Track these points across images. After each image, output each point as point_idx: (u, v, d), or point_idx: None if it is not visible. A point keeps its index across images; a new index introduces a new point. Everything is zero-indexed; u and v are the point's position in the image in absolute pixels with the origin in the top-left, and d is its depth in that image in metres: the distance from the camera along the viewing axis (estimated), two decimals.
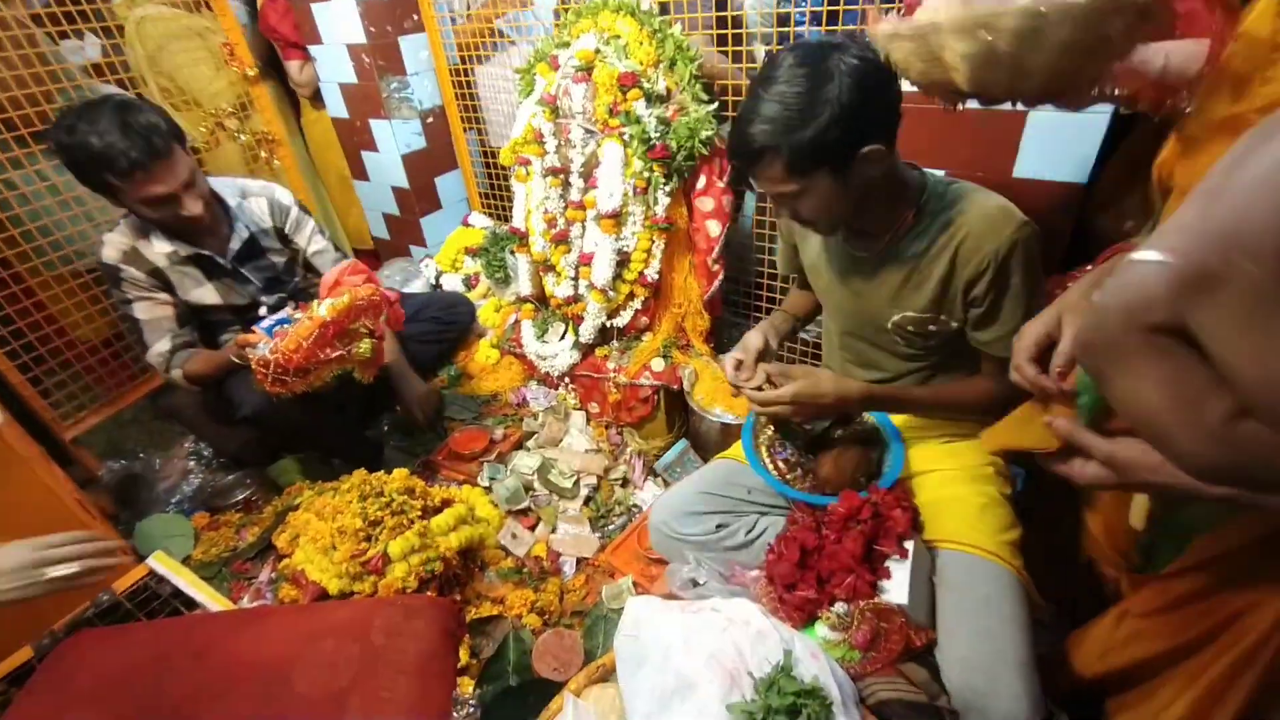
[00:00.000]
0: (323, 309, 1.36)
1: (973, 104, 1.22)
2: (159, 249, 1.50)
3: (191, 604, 1.27)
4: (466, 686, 1.14)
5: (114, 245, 1.48)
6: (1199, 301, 0.33)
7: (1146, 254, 0.36)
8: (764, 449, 1.21)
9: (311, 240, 1.73)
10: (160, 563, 1.35)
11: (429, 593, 1.23)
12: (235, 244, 1.58)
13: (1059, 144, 1.18)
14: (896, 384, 1.16)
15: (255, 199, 1.65)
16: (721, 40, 1.59)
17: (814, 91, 0.85)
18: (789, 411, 1.06)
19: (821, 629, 0.97)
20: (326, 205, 2.75)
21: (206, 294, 1.59)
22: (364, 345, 1.44)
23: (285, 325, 1.40)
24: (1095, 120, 1.12)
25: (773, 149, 0.89)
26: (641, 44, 1.57)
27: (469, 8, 2.12)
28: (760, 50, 1.63)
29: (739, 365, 1.13)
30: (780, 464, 1.17)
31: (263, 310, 1.67)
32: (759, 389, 1.08)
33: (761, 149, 0.90)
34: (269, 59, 2.41)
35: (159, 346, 1.53)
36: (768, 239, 1.74)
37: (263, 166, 2.25)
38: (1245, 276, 0.31)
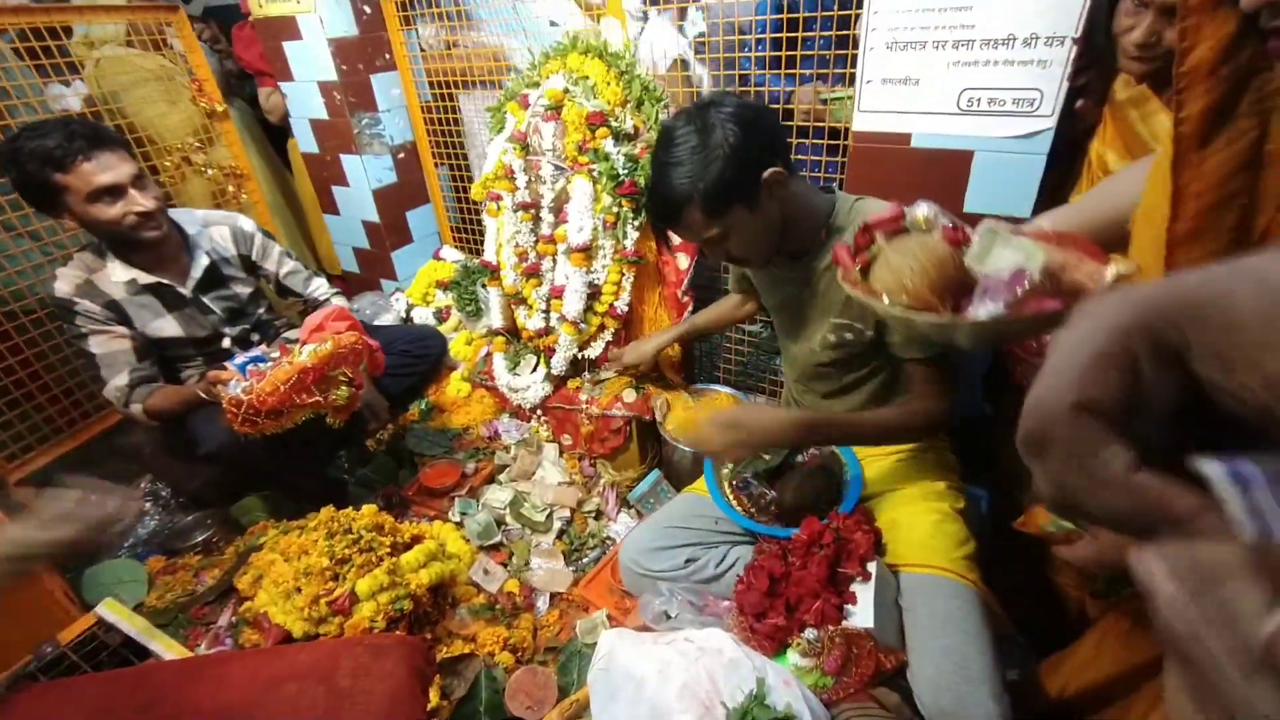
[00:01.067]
0: (304, 354, 1.35)
1: (926, 144, 1.30)
2: (117, 278, 1.47)
3: (144, 653, 1.21)
4: None
5: (67, 279, 1.44)
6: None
7: None
8: (726, 483, 1.23)
9: (281, 263, 1.74)
10: (110, 610, 1.29)
11: (398, 632, 1.20)
12: (196, 272, 1.57)
13: (1003, 181, 1.26)
14: (830, 411, 1.20)
15: (217, 228, 1.65)
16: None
17: (705, 142, 0.98)
18: (716, 444, 1.06)
19: (793, 656, 0.98)
20: (295, 234, 2.74)
21: (166, 325, 1.55)
22: (341, 392, 1.43)
23: (260, 364, 1.38)
24: (1034, 160, 1.20)
25: (686, 201, 1.00)
26: (609, 84, 1.63)
27: (447, 42, 2.13)
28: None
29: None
30: (744, 497, 1.19)
31: (226, 343, 1.64)
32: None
33: (677, 204, 1.01)
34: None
35: (116, 381, 1.48)
36: (734, 270, 1.79)
37: (230, 201, 2.23)
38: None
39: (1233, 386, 0.20)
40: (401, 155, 2.38)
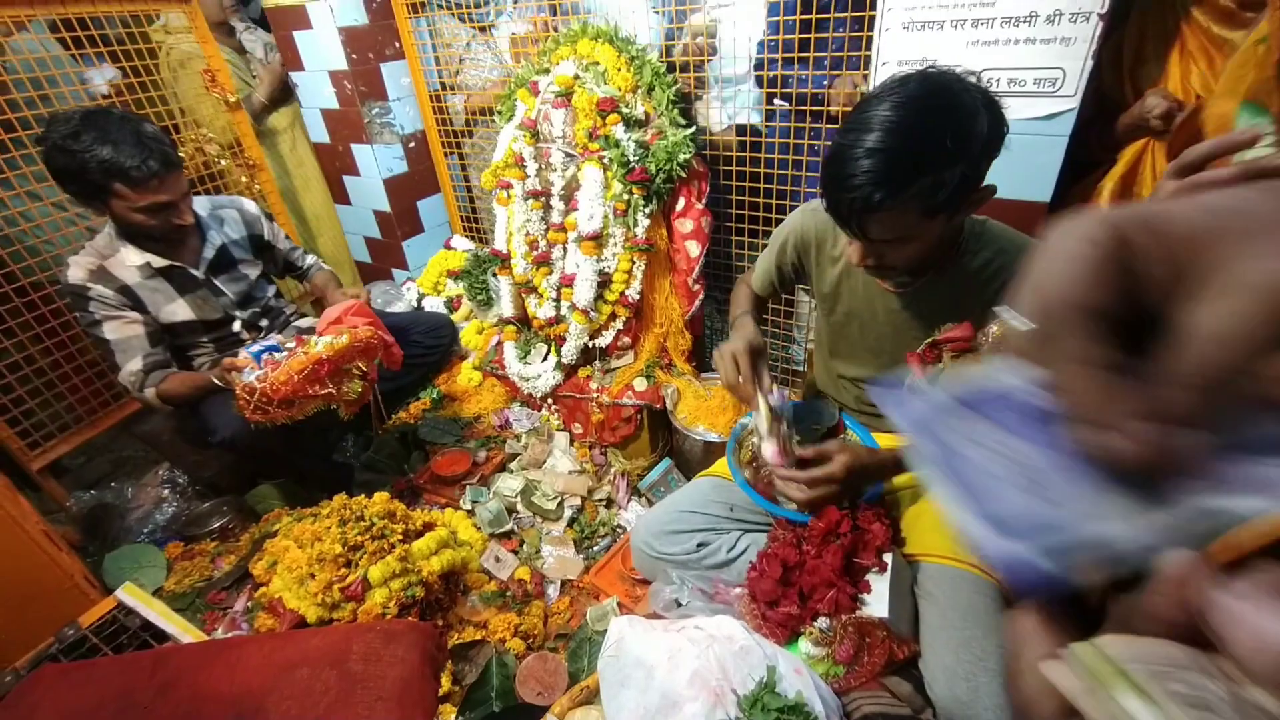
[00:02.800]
0: (320, 346, 1.36)
1: None
2: (130, 262, 1.49)
3: (162, 636, 1.23)
4: (449, 714, 1.11)
5: (80, 266, 1.46)
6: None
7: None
8: (747, 467, 1.22)
9: (285, 241, 1.82)
10: (129, 595, 1.32)
11: (410, 618, 1.21)
12: (208, 254, 1.60)
13: (1023, 166, 1.23)
14: None
15: (225, 210, 1.69)
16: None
17: (967, 127, 0.77)
18: (838, 491, 1.01)
19: (805, 644, 0.97)
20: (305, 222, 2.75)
21: (179, 309, 1.57)
22: (354, 385, 1.44)
23: (275, 353, 1.40)
24: (1055, 142, 1.17)
25: (904, 191, 0.79)
26: (620, 70, 1.61)
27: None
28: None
29: (742, 369, 1.09)
30: (763, 482, 1.17)
31: (236, 325, 1.67)
32: (800, 478, 1.03)
33: (891, 190, 0.79)
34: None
35: (131, 366, 1.50)
36: (747, 258, 1.77)
37: (244, 191, 2.24)
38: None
39: (1163, 284, 0.24)
40: (412, 145, 2.38)
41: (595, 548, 1.58)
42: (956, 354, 0.80)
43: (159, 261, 1.52)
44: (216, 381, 1.44)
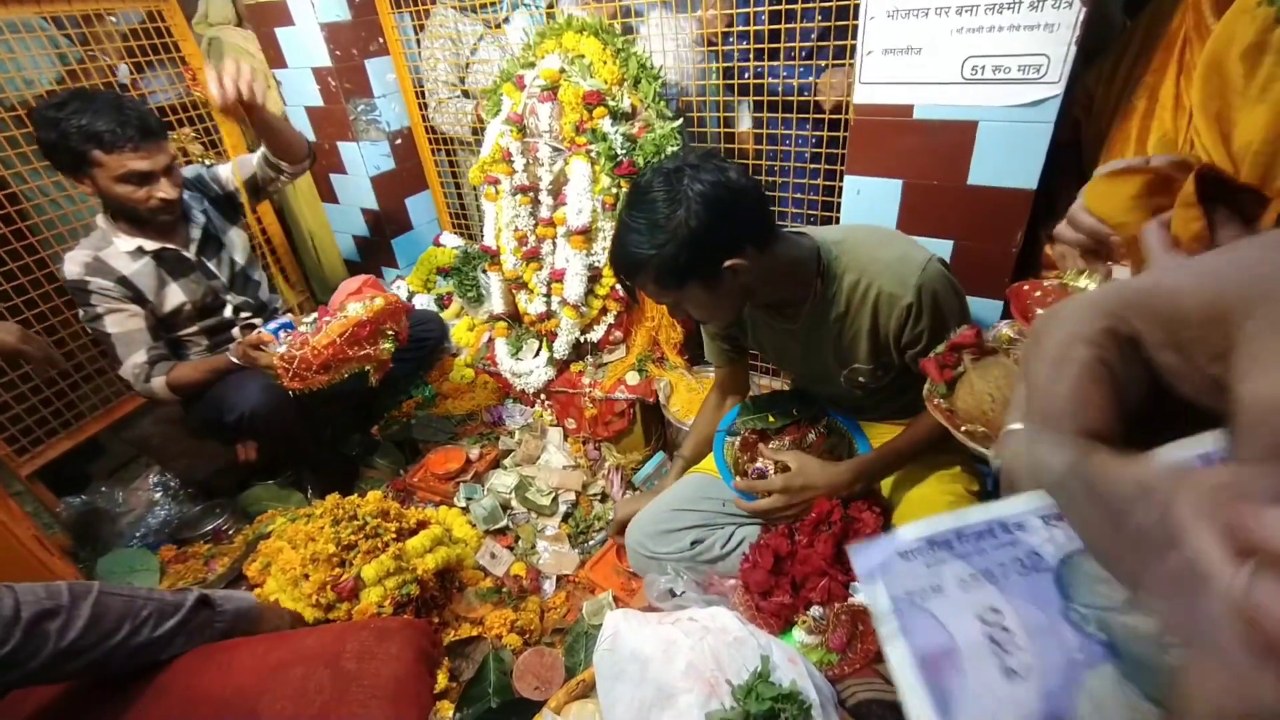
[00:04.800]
0: (355, 310, 1.43)
1: (929, 115, 1.27)
2: (124, 249, 1.51)
3: None
4: (446, 710, 1.11)
5: (76, 260, 1.47)
6: None
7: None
8: (735, 463, 1.23)
9: (231, 168, 1.73)
10: None
11: (405, 616, 1.21)
12: (195, 233, 1.62)
13: (1009, 152, 1.23)
14: (877, 450, 1.16)
15: (189, 191, 1.65)
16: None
17: (667, 217, 0.90)
18: (783, 504, 1.07)
19: (798, 633, 0.98)
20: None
21: (174, 294, 1.59)
22: (387, 345, 1.52)
23: (290, 329, 1.48)
24: (1040, 129, 1.17)
25: (640, 266, 0.94)
26: (605, 63, 1.60)
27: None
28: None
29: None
30: (752, 477, 1.18)
31: (228, 311, 1.70)
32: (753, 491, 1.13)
33: (630, 267, 0.96)
34: None
35: (135, 359, 1.51)
36: None
37: None
38: None
39: (1187, 369, 0.21)
40: (399, 141, 2.36)
41: (590, 542, 1.59)
42: (977, 357, 0.81)
43: (150, 244, 1.53)
44: (236, 360, 1.48)
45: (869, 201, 1.40)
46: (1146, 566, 0.18)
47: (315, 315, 1.51)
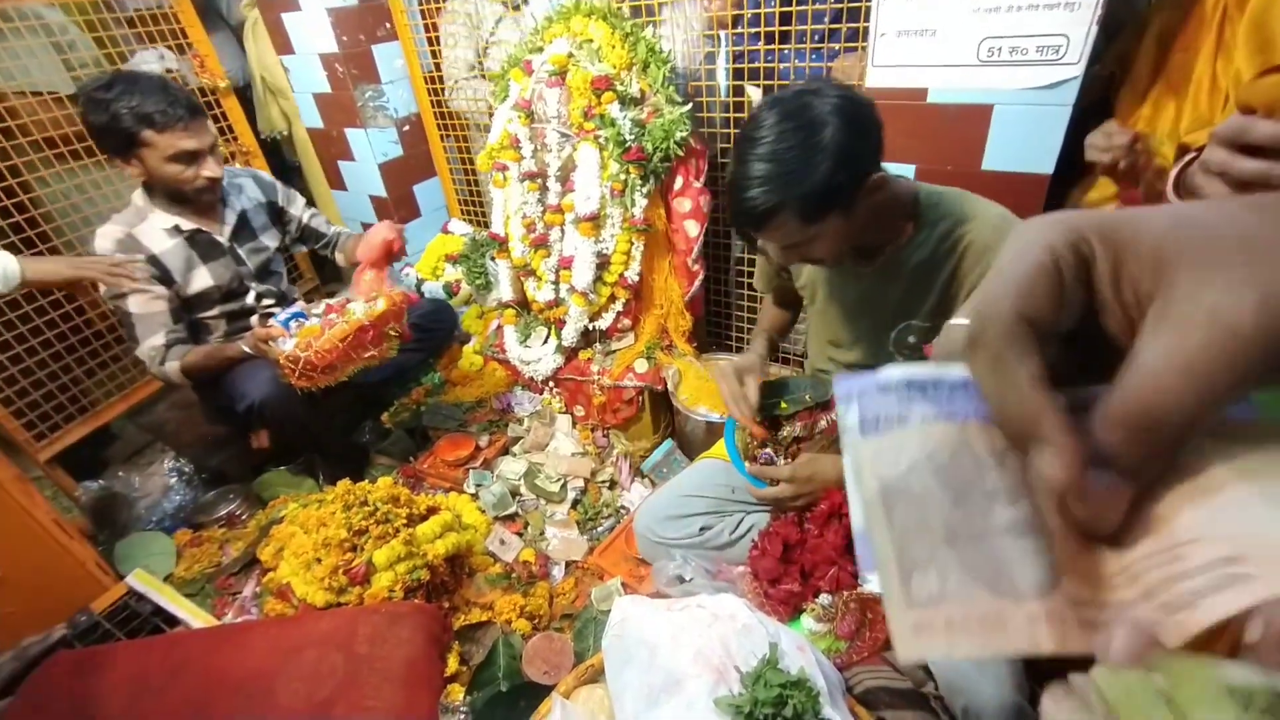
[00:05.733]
0: (360, 312, 1.46)
1: (943, 99, 1.25)
2: (159, 226, 1.53)
3: (173, 621, 1.25)
4: (457, 694, 1.13)
5: (108, 236, 1.49)
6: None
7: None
8: (745, 448, 1.22)
9: (305, 209, 1.85)
10: (140, 581, 1.34)
11: (415, 600, 1.22)
12: (230, 219, 1.64)
13: (1024, 137, 1.20)
14: None
15: (241, 179, 1.73)
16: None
17: (811, 140, 0.85)
18: (790, 494, 1.07)
19: (807, 621, 0.98)
20: None
21: (202, 276, 1.61)
22: (393, 345, 1.55)
23: (301, 319, 1.49)
24: (1058, 113, 1.15)
25: (781, 206, 0.88)
26: (614, 47, 1.58)
27: None
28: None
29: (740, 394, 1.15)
30: (762, 463, 1.18)
31: (250, 298, 1.71)
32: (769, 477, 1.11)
33: (768, 210, 0.89)
34: None
35: (153, 341, 1.53)
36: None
37: None
38: None
39: (1115, 304, 0.22)
40: (406, 128, 2.35)
41: (599, 529, 1.59)
42: None
43: (187, 224, 1.56)
44: (248, 350, 1.49)
45: None
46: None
47: (323, 306, 1.52)
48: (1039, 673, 0.95)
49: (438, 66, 2.20)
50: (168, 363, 1.54)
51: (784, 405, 1.22)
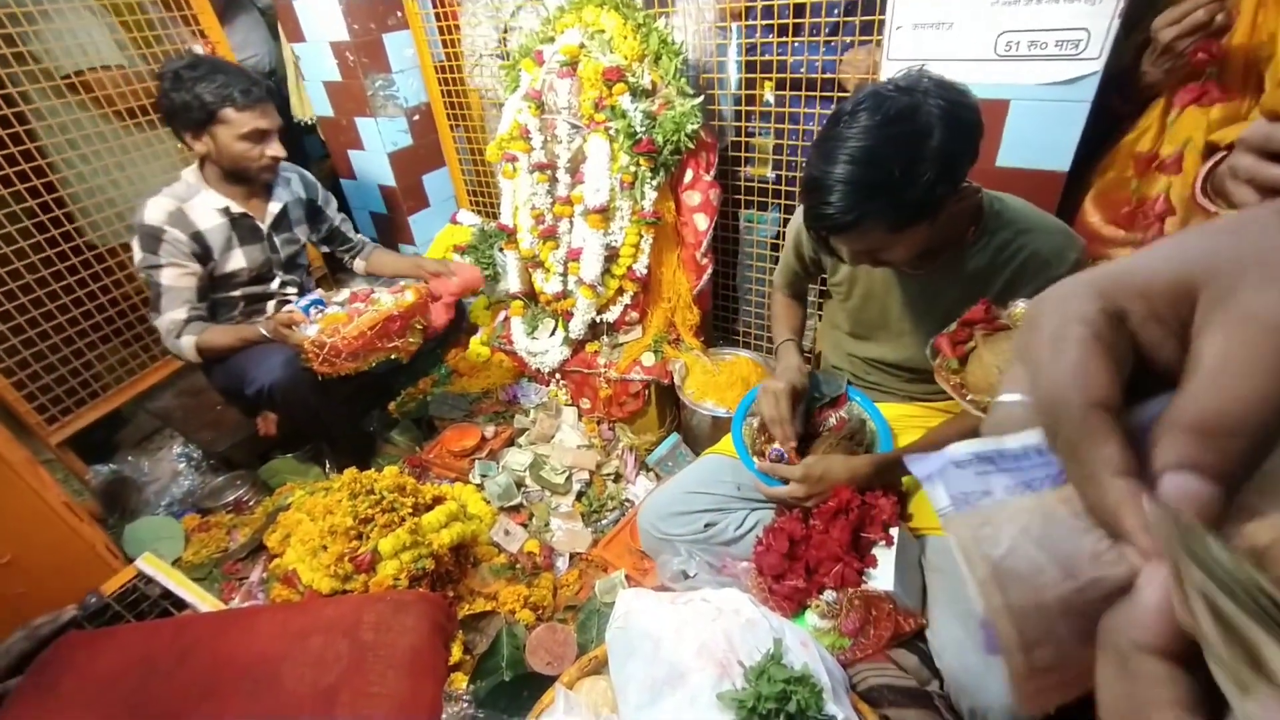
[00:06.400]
0: (389, 303, 1.51)
1: None
2: (210, 204, 1.59)
3: (181, 605, 1.26)
4: (460, 682, 1.14)
5: (158, 208, 1.53)
6: None
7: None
8: (753, 444, 1.22)
9: (338, 213, 1.93)
10: (149, 564, 1.35)
11: (420, 589, 1.23)
12: (274, 208, 1.71)
13: (1041, 133, 1.19)
14: (900, 448, 1.15)
15: (291, 174, 1.79)
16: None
17: (917, 147, 0.80)
18: (802, 494, 1.07)
19: (811, 617, 0.98)
20: None
21: (237, 258, 1.66)
22: (415, 337, 1.60)
23: (320, 306, 1.56)
24: (1076, 109, 1.13)
25: (868, 215, 0.84)
26: (626, 38, 1.57)
27: None
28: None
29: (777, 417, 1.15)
30: (770, 460, 1.17)
31: (275, 284, 1.76)
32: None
33: (860, 216, 0.84)
34: None
35: (174, 314, 1.57)
36: (755, 232, 1.74)
37: None
38: None
39: (1163, 338, 0.23)
40: (416, 118, 2.35)
41: (603, 521, 1.60)
42: (988, 333, 0.81)
43: (236, 207, 1.62)
44: (266, 334, 1.54)
45: None
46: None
47: (346, 294, 1.55)
48: None
49: (449, 56, 2.19)
50: (184, 337, 1.57)
51: None
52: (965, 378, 0.83)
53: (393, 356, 1.58)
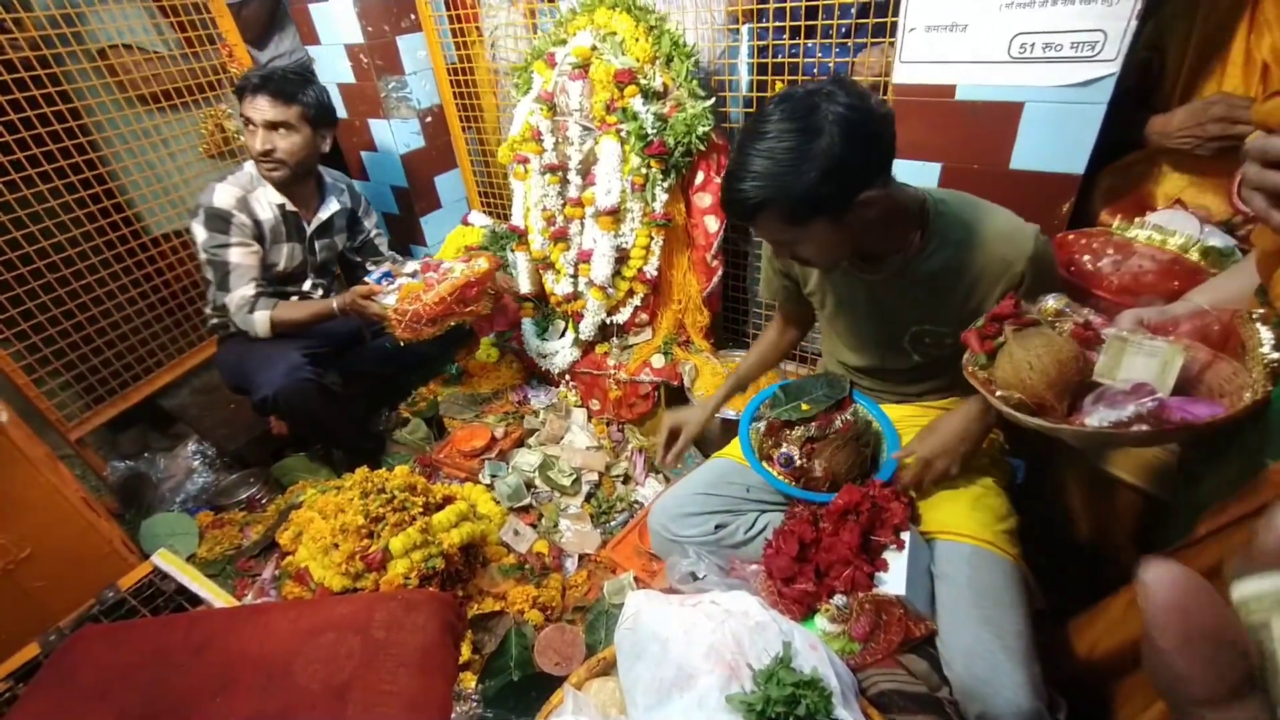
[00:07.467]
0: (460, 271, 1.61)
1: (971, 96, 1.23)
2: (269, 200, 1.67)
3: (195, 600, 1.28)
4: (469, 681, 1.14)
5: (227, 193, 1.60)
6: None
7: None
8: (759, 448, 1.22)
9: (374, 227, 2.00)
10: (165, 560, 1.37)
11: (430, 588, 1.24)
12: (323, 214, 1.79)
13: (1055, 135, 1.18)
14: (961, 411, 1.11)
15: (343, 184, 1.89)
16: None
17: (805, 146, 0.84)
18: (939, 456, 1.05)
19: (821, 621, 0.98)
20: None
21: (278, 252, 1.73)
22: (486, 303, 1.71)
23: (389, 279, 1.66)
24: (1092, 111, 1.12)
25: (768, 203, 0.89)
26: (638, 40, 1.57)
27: None
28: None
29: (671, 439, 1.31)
30: (779, 465, 1.18)
31: (306, 285, 1.84)
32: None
33: (756, 204, 0.89)
34: None
35: (244, 290, 1.63)
36: None
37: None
38: None
39: None
40: (429, 119, 2.36)
41: (612, 523, 1.60)
42: (1018, 328, 0.81)
43: (290, 206, 1.69)
44: (338, 308, 1.62)
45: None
46: None
47: (415, 265, 1.65)
48: (1058, 680, 0.94)
49: (460, 58, 2.21)
50: (257, 312, 1.63)
51: (805, 407, 1.22)
52: (994, 373, 0.83)
53: (466, 322, 1.69)
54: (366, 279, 1.66)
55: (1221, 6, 1.07)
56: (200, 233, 1.60)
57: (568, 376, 1.93)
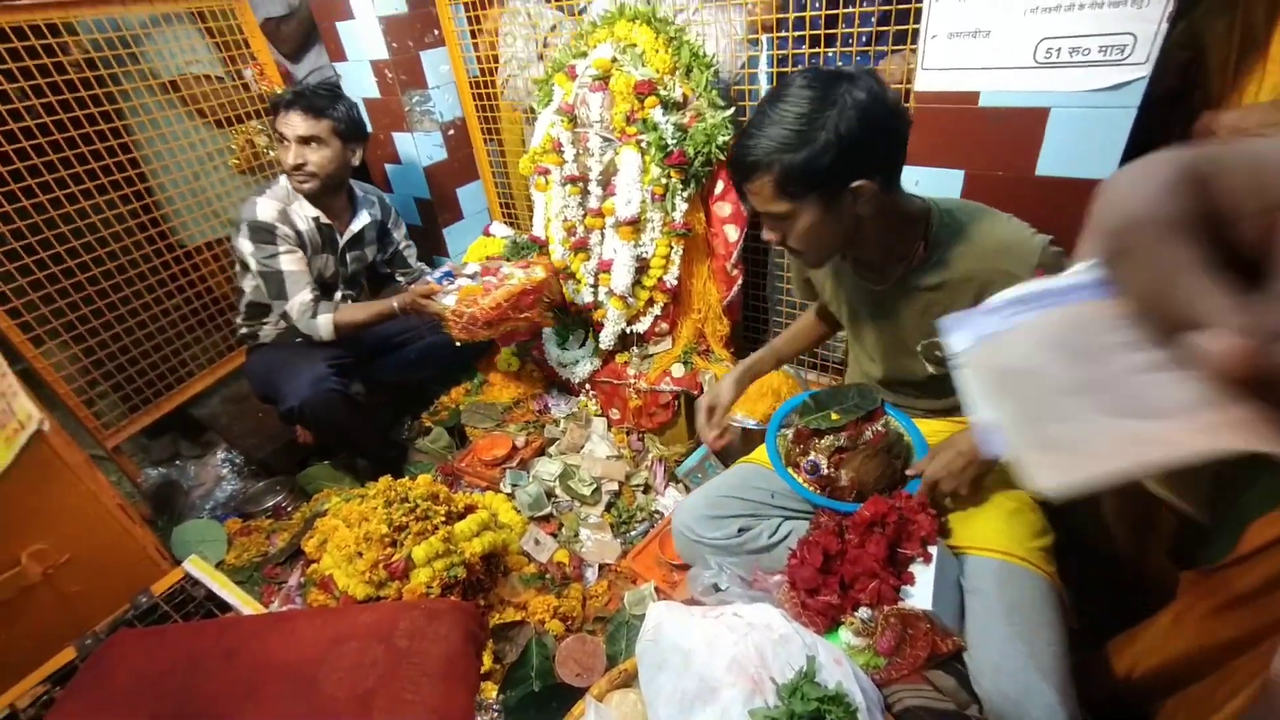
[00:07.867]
0: (519, 278, 1.67)
1: (996, 102, 1.21)
2: (306, 213, 1.72)
3: (224, 607, 1.30)
4: (490, 691, 1.15)
5: (269, 206, 1.65)
6: None
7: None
8: (786, 455, 1.21)
9: (404, 239, 2.05)
10: (195, 567, 1.40)
11: (452, 597, 1.24)
12: (355, 226, 1.84)
13: (1083, 140, 1.16)
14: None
15: (374, 197, 1.95)
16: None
17: (815, 116, 0.86)
18: (944, 478, 1.05)
19: (845, 634, 0.96)
20: None
21: (316, 265, 1.78)
22: (542, 310, 1.75)
23: (450, 278, 1.72)
24: (1121, 115, 1.10)
25: (765, 165, 0.90)
26: (658, 52, 1.59)
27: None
28: None
29: (711, 413, 1.27)
30: (805, 474, 1.17)
31: (337, 295, 1.89)
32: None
33: (754, 163, 0.91)
34: None
35: (302, 296, 1.68)
36: None
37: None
38: None
39: (1252, 207, 0.22)
40: (451, 132, 2.40)
41: (632, 533, 1.60)
42: None
43: (325, 219, 1.74)
44: (398, 308, 1.66)
45: (928, 193, 1.34)
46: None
47: (476, 267, 1.72)
48: (1092, 700, 0.91)
49: (483, 72, 2.24)
50: (319, 316, 1.68)
51: (835, 416, 1.20)
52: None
53: (522, 327, 1.72)
54: (427, 277, 1.72)
55: (1261, 2, 1.05)
56: (247, 245, 1.64)
57: (588, 386, 1.93)
